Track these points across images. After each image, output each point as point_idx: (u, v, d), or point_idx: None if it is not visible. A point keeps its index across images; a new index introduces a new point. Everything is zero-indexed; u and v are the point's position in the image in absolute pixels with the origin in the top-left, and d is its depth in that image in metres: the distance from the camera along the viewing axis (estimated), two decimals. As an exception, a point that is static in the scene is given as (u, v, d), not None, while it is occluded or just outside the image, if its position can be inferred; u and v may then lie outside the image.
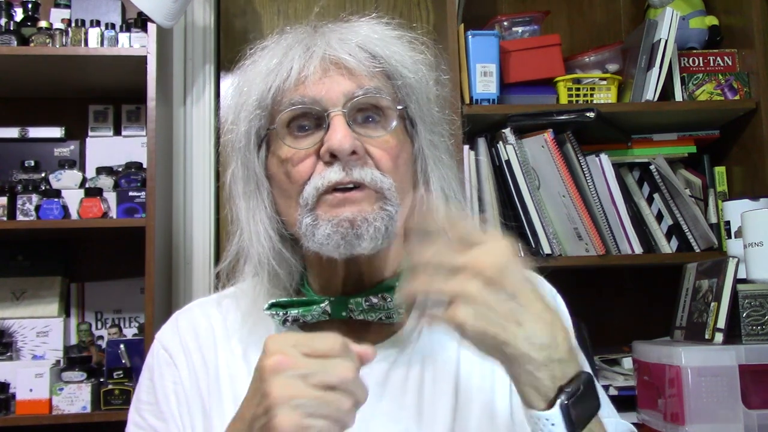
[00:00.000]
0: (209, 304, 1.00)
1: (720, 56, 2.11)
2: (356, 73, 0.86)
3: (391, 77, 0.89)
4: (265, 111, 0.89)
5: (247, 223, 0.92)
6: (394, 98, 0.89)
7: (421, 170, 0.92)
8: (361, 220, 0.84)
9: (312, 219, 0.85)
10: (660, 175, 2.04)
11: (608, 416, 0.92)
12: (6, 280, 2.12)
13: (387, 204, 0.86)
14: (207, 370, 0.94)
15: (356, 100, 0.86)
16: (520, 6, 2.40)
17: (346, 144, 0.83)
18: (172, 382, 0.94)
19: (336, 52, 0.86)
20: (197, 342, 0.96)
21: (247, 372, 0.92)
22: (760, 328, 1.57)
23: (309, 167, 0.86)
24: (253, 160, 0.91)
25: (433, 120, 0.93)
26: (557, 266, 1.96)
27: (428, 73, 0.94)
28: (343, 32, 0.89)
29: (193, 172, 2.24)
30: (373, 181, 0.85)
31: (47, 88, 2.18)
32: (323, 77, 0.86)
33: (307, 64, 0.86)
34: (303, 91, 0.86)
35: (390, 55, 0.89)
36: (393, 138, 0.88)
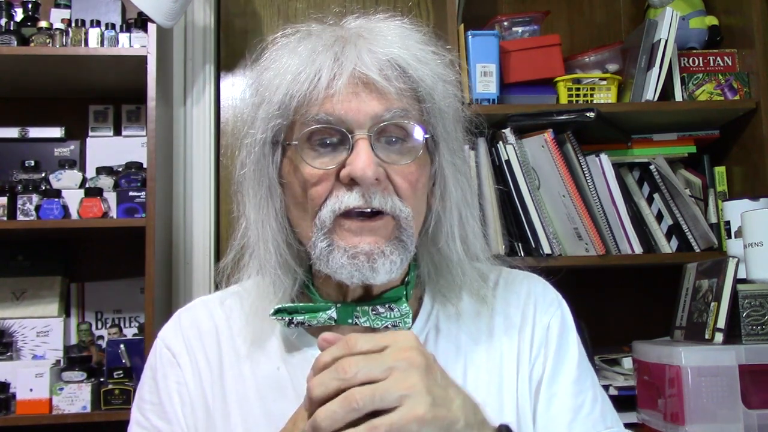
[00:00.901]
0: (213, 303, 1.00)
1: (720, 56, 2.11)
2: (385, 93, 0.84)
3: (420, 99, 0.87)
4: (286, 120, 0.87)
5: (255, 228, 0.90)
6: (420, 121, 0.87)
7: (439, 189, 0.91)
8: (378, 254, 0.83)
9: (327, 243, 0.84)
10: (660, 175, 2.04)
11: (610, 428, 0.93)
12: (6, 280, 2.12)
13: (403, 234, 0.85)
14: (210, 369, 0.93)
15: (383, 124, 0.84)
16: (520, 6, 2.40)
17: (369, 172, 0.81)
18: (175, 383, 0.93)
19: (367, 69, 0.83)
20: (200, 341, 0.95)
21: (251, 372, 0.92)
22: (760, 328, 1.57)
23: (327, 188, 0.84)
24: (267, 166, 0.89)
25: (457, 144, 0.92)
26: (557, 266, 1.96)
27: (457, 95, 0.92)
28: (373, 41, 0.86)
29: (193, 172, 2.24)
30: (393, 209, 0.84)
31: (47, 88, 2.18)
32: (352, 95, 0.83)
33: (337, 77, 0.83)
34: (329, 107, 0.83)
35: (422, 77, 0.86)
36: (415, 163, 0.86)
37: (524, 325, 0.96)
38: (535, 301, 0.98)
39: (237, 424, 0.89)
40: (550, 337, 0.95)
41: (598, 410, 0.94)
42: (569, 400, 0.92)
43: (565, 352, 0.95)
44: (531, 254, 1.95)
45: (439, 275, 0.94)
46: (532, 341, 0.95)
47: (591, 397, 0.94)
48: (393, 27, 0.90)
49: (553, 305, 0.98)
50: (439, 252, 0.92)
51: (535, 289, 0.99)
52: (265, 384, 0.91)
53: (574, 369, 0.94)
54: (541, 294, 0.99)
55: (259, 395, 0.90)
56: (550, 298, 0.99)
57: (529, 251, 1.96)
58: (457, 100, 0.92)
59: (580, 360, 0.96)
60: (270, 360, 0.92)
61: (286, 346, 0.93)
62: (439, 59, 0.90)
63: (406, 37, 0.88)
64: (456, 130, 0.92)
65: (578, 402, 0.92)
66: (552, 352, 0.94)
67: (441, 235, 0.91)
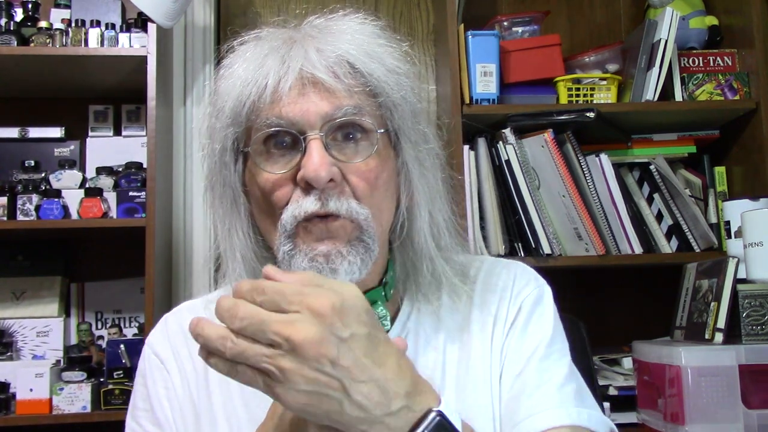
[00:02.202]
0: (197, 307, 1.00)
1: (720, 56, 2.11)
2: (335, 92, 0.82)
3: (373, 94, 0.85)
4: (239, 127, 0.86)
5: (224, 239, 0.90)
6: (375, 117, 0.85)
7: (405, 184, 0.89)
8: (336, 255, 0.82)
9: (290, 247, 0.83)
10: (660, 175, 2.04)
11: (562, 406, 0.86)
12: (6, 280, 2.12)
13: (363, 234, 0.83)
14: (197, 373, 0.93)
15: (335, 122, 0.83)
16: (520, 6, 2.40)
17: (322, 172, 0.80)
18: (164, 388, 0.93)
19: (313, 69, 0.82)
20: (186, 344, 0.95)
21: None
22: (760, 328, 1.57)
23: (286, 193, 0.84)
24: (229, 175, 0.88)
25: (418, 136, 0.90)
26: (557, 266, 1.96)
27: (413, 87, 0.90)
28: (322, 39, 0.85)
29: (193, 172, 2.23)
30: (348, 212, 0.83)
31: (47, 88, 2.18)
32: (300, 96, 0.82)
33: (283, 80, 0.82)
34: (278, 110, 0.82)
35: (372, 72, 0.84)
36: (373, 159, 0.85)
37: (499, 312, 0.93)
38: (512, 286, 0.95)
39: (223, 427, 0.90)
40: (519, 316, 0.92)
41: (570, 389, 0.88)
42: (534, 375, 0.88)
43: (534, 330, 0.92)
44: (531, 254, 1.95)
45: (416, 273, 0.92)
46: (505, 324, 0.92)
47: (563, 375, 0.89)
48: (346, 23, 0.88)
49: (529, 286, 0.96)
50: (412, 248, 0.91)
51: (514, 273, 0.97)
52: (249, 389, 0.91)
53: (543, 347, 0.90)
54: (519, 277, 0.97)
55: (243, 400, 0.90)
56: (526, 279, 0.97)
57: (529, 251, 1.96)
58: (414, 92, 0.90)
59: (553, 340, 0.92)
60: None
61: None
62: (392, 52, 0.88)
63: (357, 32, 0.87)
64: (416, 122, 0.89)
65: (544, 377, 0.88)
66: (519, 329, 0.91)
67: (411, 230, 0.90)
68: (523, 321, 0.92)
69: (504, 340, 0.91)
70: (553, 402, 0.86)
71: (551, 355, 0.90)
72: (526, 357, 0.89)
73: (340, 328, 0.63)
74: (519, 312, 0.93)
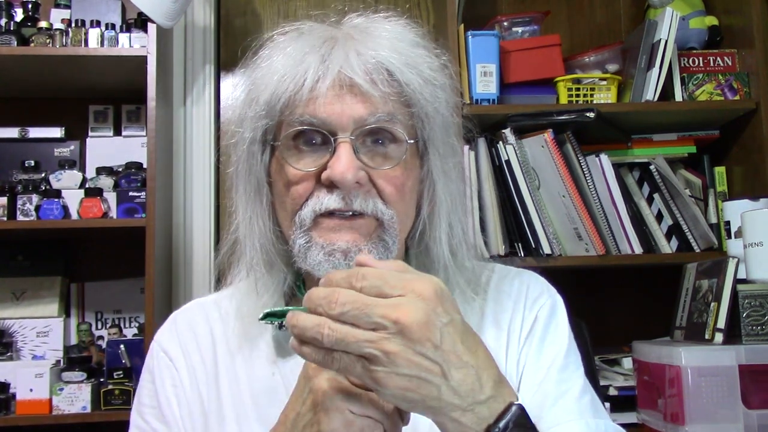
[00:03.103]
0: (207, 305, 1.00)
1: (720, 56, 2.11)
2: (370, 97, 0.83)
3: (408, 104, 0.86)
4: (272, 120, 0.87)
5: (244, 226, 0.91)
6: (406, 126, 0.86)
7: (428, 193, 0.90)
8: (355, 252, 0.83)
9: (306, 240, 0.84)
10: (660, 175, 2.04)
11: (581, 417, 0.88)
12: (6, 280, 2.12)
13: (385, 234, 0.85)
14: (206, 371, 0.93)
15: (366, 128, 0.84)
16: (520, 6, 2.40)
17: (348, 175, 0.81)
18: (172, 385, 0.93)
19: (352, 72, 0.83)
20: (196, 342, 0.95)
21: (246, 375, 0.92)
22: (760, 328, 1.57)
23: (308, 189, 0.85)
24: (255, 165, 0.89)
25: (446, 149, 0.90)
26: (557, 266, 1.96)
27: (448, 99, 0.90)
28: (362, 42, 0.85)
29: (193, 172, 2.24)
30: (374, 211, 0.84)
31: (47, 88, 2.18)
32: (336, 98, 0.83)
33: (322, 79, 0.83)
34: (313, 109, 0.83)
35: (409, 82, 0.85)
36: (400, 167, 0.86)
37: (513, 321, 0.94)
38: (525, 296, 0.96)
39: (232, 426, 0.90)
40: (536, 326, 0.93)
41: (587, 400, 0.89)
42: (552, 386, 0.89)
43: (551, 341, 0.93)
44: (531, 254, 1.95)
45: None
46: (520, 334, 0.93)
47: (579, 386, 0.90)
48: (388, 27, 0.89)
49: (543, 296, 0.96)
50: (428, 255, 0.92)
51: (526, 283, 0.98)
52: (258, 388, 0.91)
53: (560, 358, 0.91)
54: (532, 287, 0.97)
55: (253, 399, 0.90)
56: (539, 290, 0.97)
57: (529, 251, 1.96)
58: (449, 105, 0.91)
59: (569, 351, 0.93)
60: (263, 364, 0.92)
61: (279, 351, 0.92)
62: (431, 63, 0.89)
63: (399, 39, 0.87)
64: (446, 135, 0.90)
65: (562, 389, 0.89)
66: (536, 339, 0.92)
67: (429, 239, 0.91)
68: (540, 331, 0.93)
69: (520, 349, 0.92)
70: (573, 413, 0.87)
71: (569, 366, 0.92)
72: (545, 367, 0.91)
73: (441, 312, 0.64)
74: (535, 322, 0.94)
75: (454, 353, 0.64)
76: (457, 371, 0.65)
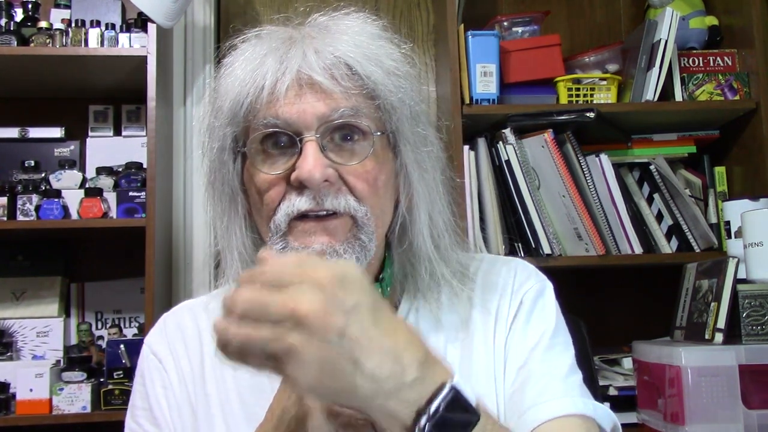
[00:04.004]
0: (197, 307, 1.00)
1: (720, 56, 2.11)
2: (331, 94, 0.82)
3: (371, 96, 0.85)
4: (238, 126, 0.86)
5: (222, 237, 0.91)
6: (372, 119, 0.85)
7: (404, 186, 0.89)
8: (331, 253, 0.82)
9: (282, 246, 0.83)
10: (660, 175, 2.04)
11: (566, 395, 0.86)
12: (6, 280, 2.12)
13: (361, 232, 0.84)
14: (194, 372, 0.93)
15: (331, 124, 0.83)
16: (520, 6, 2.40)
17: (316, 174, 0.80)
18: (162, 387, 0.94)
19: (310, 70, 0.82)
20: (184, 344, 0.96)
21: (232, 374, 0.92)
22: (760, 328, 1.57)
23: (279, 193, 0.84)
24: (227, 174, 0.88)
25: (417, 138, 0.89)
26: (557, 266, 1.96)
27: (413, 89, 0.89)
28: (321, 41, 0.85)
29: (193, 172, 2.23)
30: (347, 209, 0.83)
31: (47, 88, 2.18)
32: (296, 97, 0.82)
33: (281, 80, 0.82)
34: (275, 110, 0.82)
35: (369, 74, 0.84)
36: (371, 161, 0.85)
37: (501, 306, 0.93)
38: (512, 281, 0.95)
39: (219, 426, 0.90)
40: (521, 310, 0.93)
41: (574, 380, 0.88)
42: (537, 366, 0.88)
43: (537, 323, 0.92)
44: (531, 254, 1.95)
45: (414, 274, 0.92)
46: (507, 318, 0.92)
47: (567, 367, 0.89)
48: (347, 23, 0.88)
49: (530, 280, 0.96)
50: (411, 249, 0.91)
51: (514, 269, 0.97)
52: (245, 387, 0.91)
53: (546, 338, 0.90)
54: (520, 272, 0.97)
55: (240, 399, 0.91)
56: (526, 274, 0.96)
57: (529, 251, 1.96)
58: (414, 95, 0.89)
59: (556, 333, 0.92)
60: None
61: None
62: (392, 54, 0.88)
63: (357, 33, 0.87)
64: (415, 124, 0.89)
65: (546, 368, 0.88)
66: (521, 321, 0.92)
67: (411, 232, 0.90)
68: (525, 315, 0.92)
69: (507, 335, 0.91)
70: (558, 391, 0.85)
71: (555, 347, 0.90)
72: (529, 348, 0.89)
73: (343, 297, 0.60)
74: (520, 306, 0.93)
75: (366, 338, 0.61)
76: (369, 357, 0.60)
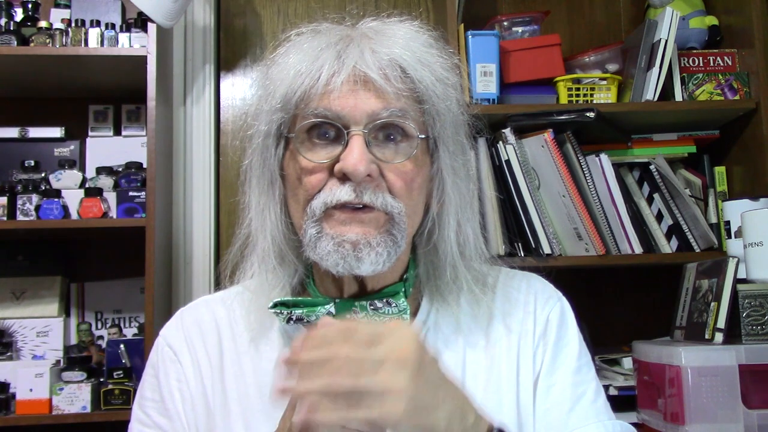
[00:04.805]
0: (215, 302, 1.01)
1: (720, 56, 2.11)
2: (384, 93, 0.85)
3: (420, 101, 0.88)
4: (288, 113, 0.89)
5: (257, 218, 0.93)
6: (418, 122, 0.88)
7: (437, 191, 0.92)
8: (364, 244, 0.84)
9: (316, 231, 0.86)
10: (660, 175, 2.04)
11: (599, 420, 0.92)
12: (6, 280, 2.12)
13: (394, 228, 0.86)
14: (211, 366, 0.94)
15: (379, 122, 0.85)
16: (520, 6, 2.40)
17: (360, 167, 0.83)
18: (176, 380, 0.94)
19: (366, 68, 0.85)
20: (202, 339, 0.96)
21: (252, 368, 0.92)
22: (760, 328, 1.57)
23: (321, 180, 0.86)
24: (270, 158, 0.91)
25: (456, 147, 0.92)
26: (557, 266, 1.96)
27: (458, 99, 0.93)
28: (377, 41, 0.88)
29: (193, 172, 2.24)
30: (383, 205, 0.85)
31: (47, 88, 2.18)
32: (350, 92, 0.85)
33: (336, 74, 0.85)
34: (328, 102, 0.85)
35: (421, 79, 0.87)
36: (411, 162, 0.87)
37: (525, 323, 0.96)
38: (534, 299, 0.98)
39: (237, 421, 0.90)
40: (548, 329, 0.96)
41: (601, 402, 0.94)
42: (569, 389, 0.92)
43: (564, 344, 0.95)
44: (531, 254, 1.95)
45: (437, 277, 0.94)
46: (534, 337, 0.95)
47: (593, 389, 0.94)
48: (401, 29, 0.91)
49: (552, 299, 0.99)
50: (437, 254, 0.93)
51: (534, 287, 1.00)
52: (265, 382, 0.92)
53: (574, 360, 0.94)
54: (540, 291, 1.00)
55: (259, 393, 0.91)
56: (548, 293, 1.00)
57: (529, 251, 1.96)
58: (459, 104, 0.93)
59: (581, 353, 0.96)
60: (270, 358, 0.93)
61: (286, 344, 0.93)
62: (443, 62, 0.91)
63: (412, 39, 0.90)
64: (456, 133, 0.92)
65: (579, 392, 0.92)
66: (551, 342, 0.95)
67: (438, 237, 0.92)
68: (554, 334, 0.96)
69: (534, 352, 0.94)
70: (590, 417, 0.91)
71: (582, 369, 0.95)
72: (560, 369, 0.93)
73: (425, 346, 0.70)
74: (548, 325, 0.96)
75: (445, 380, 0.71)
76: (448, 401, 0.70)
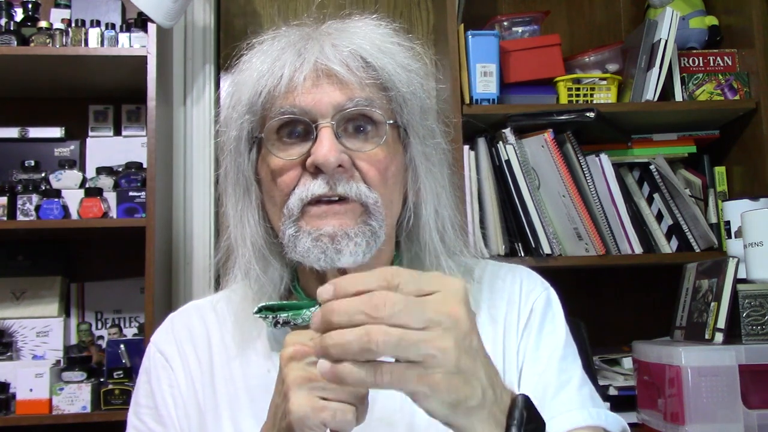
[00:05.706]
0: (204, 307, 1.01)
1: (720, 56, 2.11)
2: (347, 84, 0.86)
3: (384, 88, 0.89)
4: (255, 116, 0.89)
5: (235, 227, 0.92)
6: (385, 110, 0.88)
7: (412, 179, 0.92)
8: (342, 236, 0.84)
9: (294, 230, 0.85)
10: (660, 175, 2.04)
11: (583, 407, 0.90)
12: (6, 280, 2.12)
13: (371, 219, 0.86)
14: (202, 371, 0.94)
15: (346, 112, 0.86)
16: (520, 6, 2.40)
17: (331, 158, 0.83)
18: (168, 386, 0.94)
19: (328, 61, 0.85)
20: (192, 344, 0.96)
21: (242, 373, 0.92)
22: (760, 328, 1.57)
23: (294, 177, 0.86)
24: (243, 163, 0.91)
25: (426, 132, 0.92)
26: (557, 266, 1.96)
27: (423, 84, 0.93)
28: (338, 36, 0.88)
29: (193, 172, 2.24)
30: (358, 195, 0.85)
31: (47, 88, 2.18)
32: (314, 87, 0.85)
33: (299, 71, 0.85)
34: (293, 99, 0.85)
35: (383, 66, 0.88)
36: (382, 150, 0.88)
37: (509, 315, 0.95)
38: (519, 290, 0.98)
39: (227, 425, 0.90)
40: (532, 318, 0.95)
41: (587, 390, 0.92)
42: (554, 376, 0.91)
43: (549, 332, 0.95)
44: (531, 254, 1.95)
45: (422, 268, 0.93)
46: (518, 326, 0.95)
47: (579, 377, 0.93)
48: (361, 23, 0.92)
49: (537, 289, 0.98)
50: (419, 244, 0.93)
51: (520, 277, 1.00)
52: (254, 385, 0.91)
53: (559, 349, 0.93)
54: (526, 281, 0.99)
55: (249, 397, 0.91)
56: (534, 283, 0.99)
57: (529, 251, 1.96)
58: (425, 90, 0.93)
59: (567, 343, 0.95)
60: (259, 362, 0.93)
61: (274, 348, 0.93)
62: (404, 51, 0.92)
63: (371, 31, 0.90)
64: (424, 118, 0.92)
65: (563, 378, 0.91)
66: (534, 331, 0.94)
67: (418, 227, 0.93)
68: (537, 323, 0.95)
69: (519, 342, 0.94)
70: (574, 403, 0.89)
71: (567, 356, 0.94)
72: (545, 358, 0.92)
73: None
74: (531, 314, 0.95)
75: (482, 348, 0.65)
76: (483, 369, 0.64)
